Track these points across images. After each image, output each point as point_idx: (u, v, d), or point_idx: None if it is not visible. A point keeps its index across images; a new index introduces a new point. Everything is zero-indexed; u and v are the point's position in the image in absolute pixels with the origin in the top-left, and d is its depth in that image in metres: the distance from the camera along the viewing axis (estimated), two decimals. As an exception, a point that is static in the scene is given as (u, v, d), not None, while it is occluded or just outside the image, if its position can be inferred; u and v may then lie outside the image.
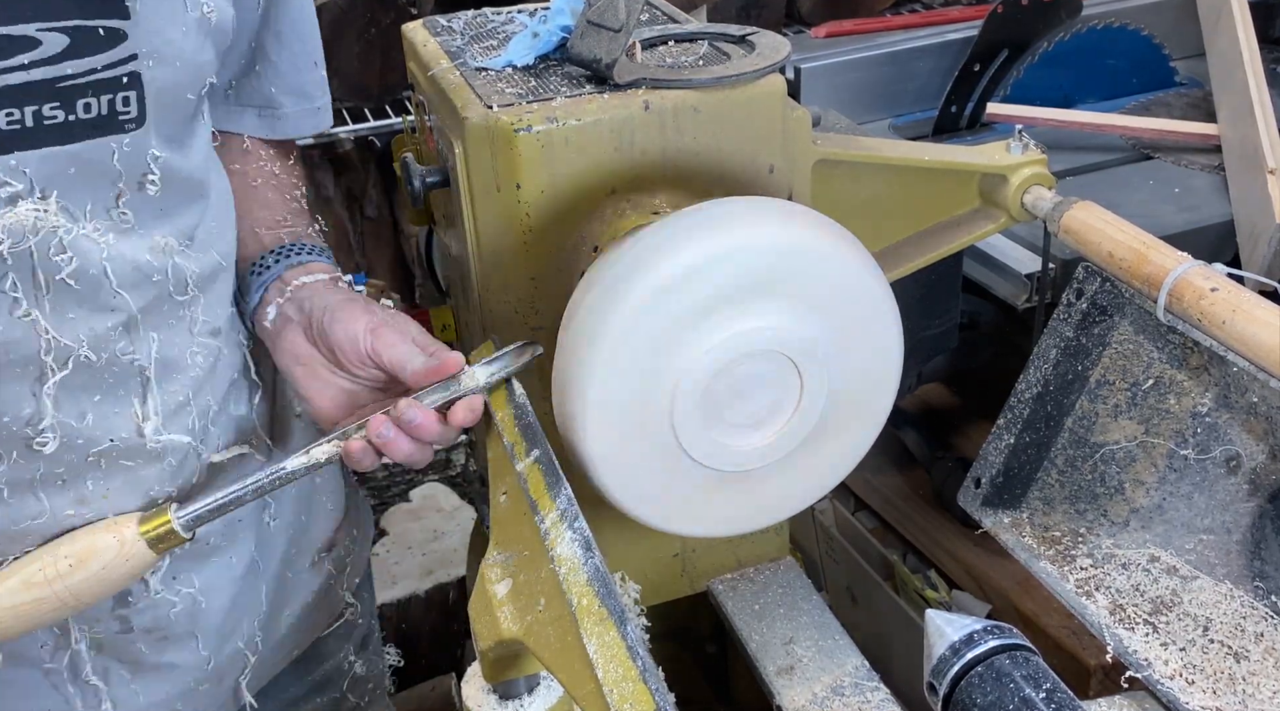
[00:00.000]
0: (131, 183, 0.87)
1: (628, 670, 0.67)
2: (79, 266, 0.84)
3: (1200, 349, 0.97)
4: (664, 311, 0.83)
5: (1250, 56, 1.62)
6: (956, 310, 1.43)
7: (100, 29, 0.80)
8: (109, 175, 0.85)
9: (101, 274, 0.86)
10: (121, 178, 0.86)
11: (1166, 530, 1.01)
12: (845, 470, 0.98)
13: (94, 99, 0.82)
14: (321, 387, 0.96)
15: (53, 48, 0.79)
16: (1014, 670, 0.80)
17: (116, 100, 0.83)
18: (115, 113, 0.83)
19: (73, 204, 0.84)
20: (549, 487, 0.81)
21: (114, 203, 0.86)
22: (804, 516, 1.59)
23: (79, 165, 0.83)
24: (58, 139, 0.81)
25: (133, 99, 0.83)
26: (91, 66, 0.81)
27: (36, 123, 0.80)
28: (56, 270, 0.84)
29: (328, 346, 0.95)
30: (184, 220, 0.94)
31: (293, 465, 0.90)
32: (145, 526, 0.90)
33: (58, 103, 0.80)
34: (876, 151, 1.11)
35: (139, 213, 0.88)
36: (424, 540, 2.18)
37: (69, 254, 0.83)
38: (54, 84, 0.80)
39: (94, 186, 0.85)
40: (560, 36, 1.04)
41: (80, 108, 0.81)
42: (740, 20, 2.09)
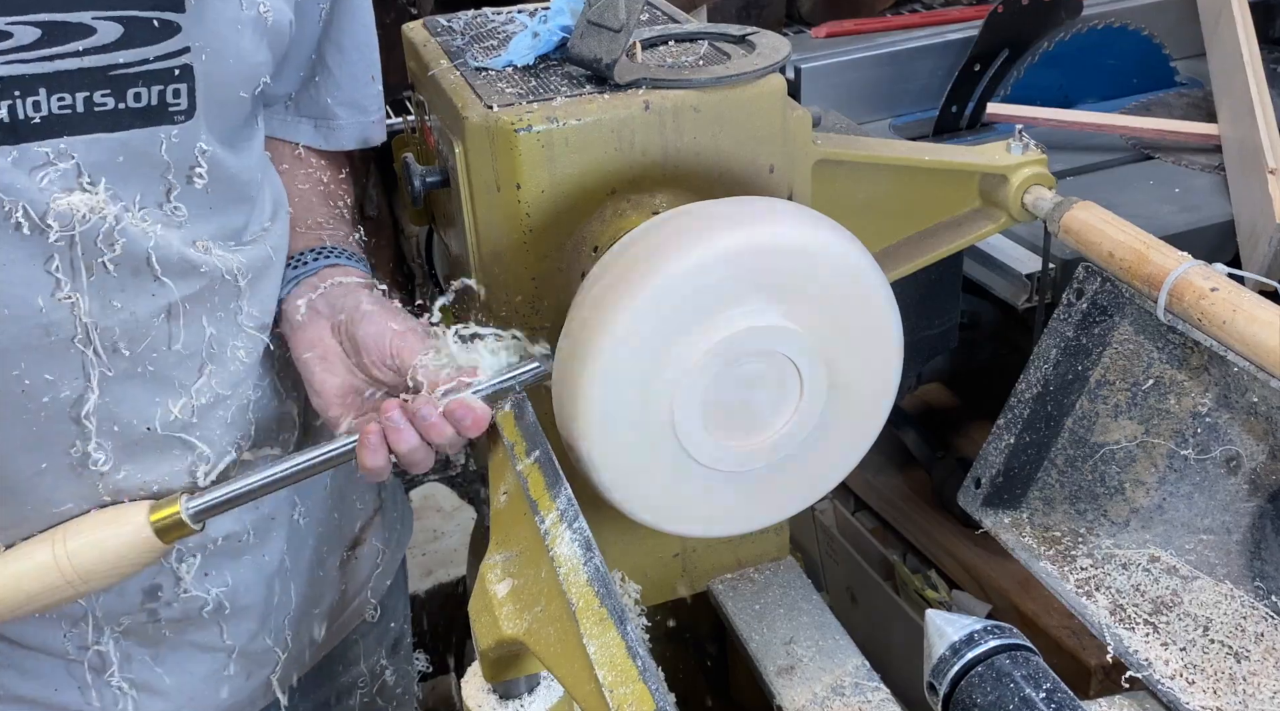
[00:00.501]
0: (180, 175, 0.87)
1: (628, 670, 0.67)
2: (123, 253, 0.85)
3: (1200, 349, 0.97)
4: (664, 312, 0.83)
5: (1250, 56, 1.62)
6: (956, 310, 1.43)
7: (155, 20, 0.82)
8: (157, 166, 0.86)
9: (145, 262, 0.87)
10: (170, 169, 0.86)
11: (1167, 530, 1.01)
12: (845, 470, 0.98)
13: (144, 89, 0.83)
14: (335, 381, 0.96)
15: (107, 36, 0.80)
16: (1014, 670, 0.80)
17: (167, 92, 0.84)
18: (165, 103, 0.84)
19: (123, 193, 0.85)
20: (549, 487, 0.81)
21: (165, 197, 0.87)
22: (804, 516, 1.59)
23: (127, 153, 0.84)
24: (107, 126, 0.82)
25: (183, 91, 0.85)
26: (144, 57, 0.82)
27: (87, 109, 0.81)
28: (100, 255, 0.85)
29: (352, 342, 0.95)
30: (234, 218, 0.95)
31: (301, 463, 0.90)
32: (155, 515, 0.90)
33: (108, 90, 0.81)
34: (876, 151, 1.11)
35: (190, 207, 0.89)
36: (424, 540, 2.18)
37: (116, 241, 0.84)
38: (106, 72, 0.81)
39: (143, 177, 0.86)
40: (560, 36, 1.03)
41: (130, 96, 0.82)
42: (740, 20, 2.09)
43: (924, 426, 1.69)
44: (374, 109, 1.14)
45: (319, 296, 1.00)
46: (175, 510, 0.90)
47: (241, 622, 1.06)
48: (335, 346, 0.97)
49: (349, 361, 0.97)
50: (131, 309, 0.88)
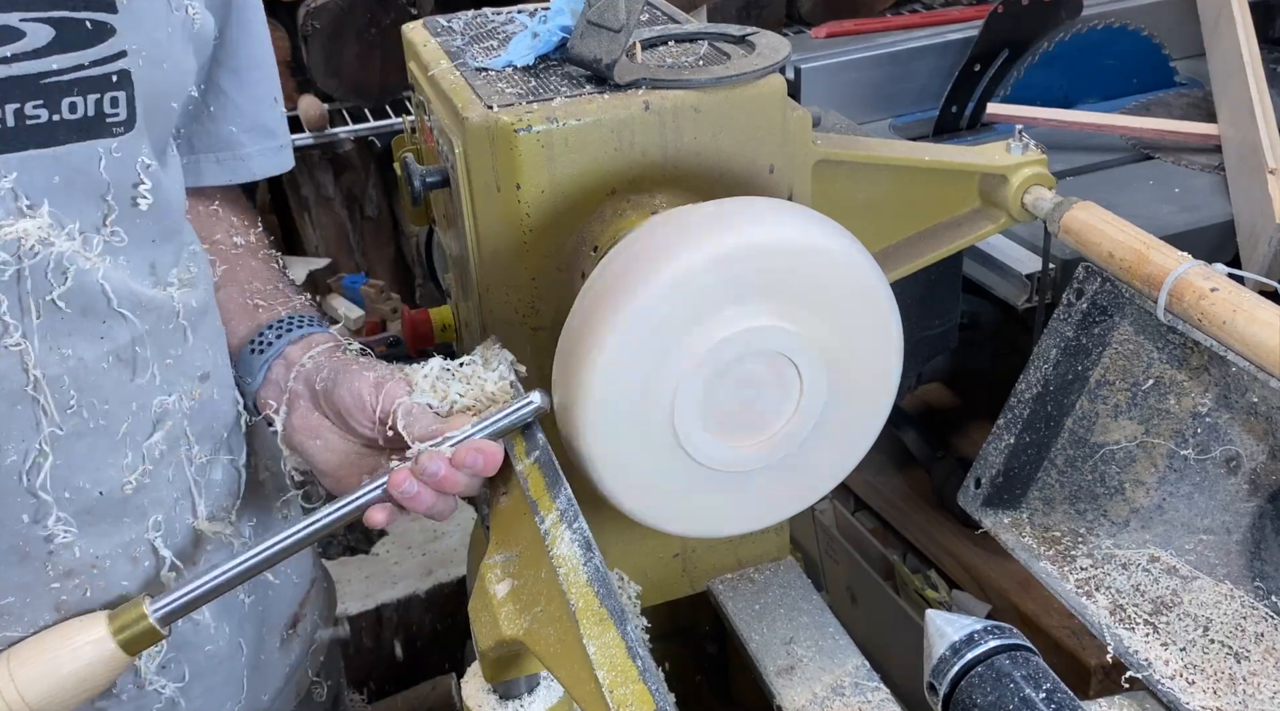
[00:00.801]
0: (122, 196, 0.80)
1: (628, 670, 0.67)
2: (73, 287, 0.78)
3: (1200, 349, 0.97)
4: (664, 311, 0.83)
5: (1250, 56, 1.62)
6: (956, 310, 1.43)
7: (87, 22, 0.75)
8: (96, 186, 0.79)
9: (95, 298, 0.80)
10: (110, 190, 0.79)
11: (1166, 530, 1.01)
12: (845, 470, 0.98)
13: (80, 98, 0.75)
14: (338, 459, 0.93)
15: (37, 40, 0.73)
16: (1014, 670, 0.80)
17: (104, 101, 0.77)
18: (103, 114, 0.77)
19: (63, 218, 0.77)
20: (549, 487, 0.81)
21: (102, 222, 0.80)
22: (804, 516, 1.59)
23: (64, 172, 0.76)
24: (41, 141, 0.75)
25: (121, 100, 0.77)
26: (79, 62, 0.75)
27: (18, 122, 0.73)
28: (48, 291, 0.77)
29: (334, 410, 0.91)
30: (169, 250, 0.88)
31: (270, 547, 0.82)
32: (116, 625, 0.81)
33: (41, 101, 0.74)
34: (876, 152, 1.11)
35: (131, 233, 0.82)
36: (424, 540, 2.18)
37: (67, 272, 0.77)
38: (38, 80, 0.74)
39: (82, 198, 0.78)
40: (560, 36, 1.04)
41: (65, 107, 0.75)
42: (740, 20, 2.09)
43: (924, 426, 1.69)
44: (280, 132, 1.05)
45: (293, 380, 0.95)
46: (139, 613, 0.81)
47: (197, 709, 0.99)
48: (323, 421, 0.93)
49: (339, 431, 0.93)
50: (80, 354, 0.80)
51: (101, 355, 0.82)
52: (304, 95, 2.11)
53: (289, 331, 0.98)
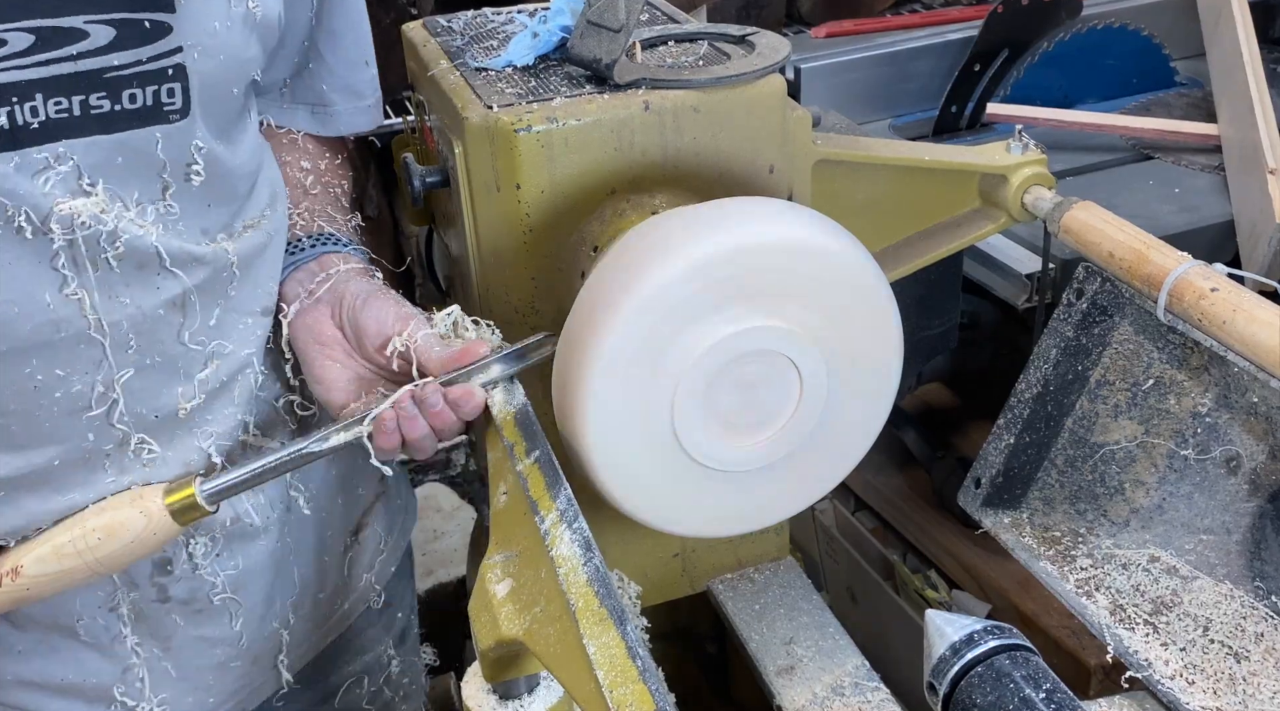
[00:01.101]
0: (177, 173, 0.88)
1: (628, 670, 0.67)
2: (126, 251, 0.87)
3: (1200, 349, 0.97)
4: (664, 312, 0.83)
5: (1250, 56, 1.62)
6: (956, 310, 1.43)
7: (146, 22, 0.82)
8: (154, 165, 0.87)
9: (147, 258, 0.88)
10: (166, 168, 0.87)
11: (1166, 530, 1.01)
12: (845, 470, 0.98)
13: (139, 90, 0.83)
14: (338, 371, 0.97)
15: (99, 39, 0.81)
16: (1014, 670, 0.80)
17: (161, 92, 0.85)
18: (160, 103, 0.85)
19: (122, 193, 0.86)
20: (549, 487, 0.81)
21: (160, 195, 0.88)
22: (804, 516, 1.59)
23: (125, 154, 0.85)
24: (103, 128, 0.83)
25: (178, 90, 0.85)
26: (137, 58, 0.83)
27: (83, 112, 0.82)
28: (102, 252, 0.86)
29: (354, 329, 0.96)
30: (226, 211, 0.96)
31: (313, 446, 0.91)
32: (170, 498, 0.92)
33: (104, 93, 0.82)
34: (876, 151, 1.11)
35: (185, 203, 0.90)
36: (424, 540, 2.19)
37: (119, 239, 0.86)
38: (101, 75, 0.82)
39: (140, 176, 0.86)
40: (560, 36, 1.04)
41: (126, 98, 0.83)
42: (740, 20, 2.09)
43: (924, 426, 1.69)
44: (369, 93, 1.13)
45: (319, 283, 1.01)
46: (190, 493, 0.92)
47: (247, 606, 1.07)
48: (335, 334, 0.98)
49: (348, 347, 0.97)
50: (138, 303, 0.89)
51: (158, 304, 0.91)
52: (304, 95, 2.11)
53: (325, 244, 1.05)
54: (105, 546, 0.91)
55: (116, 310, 0.88)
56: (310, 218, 1.07)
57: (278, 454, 0.92)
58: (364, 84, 1.12)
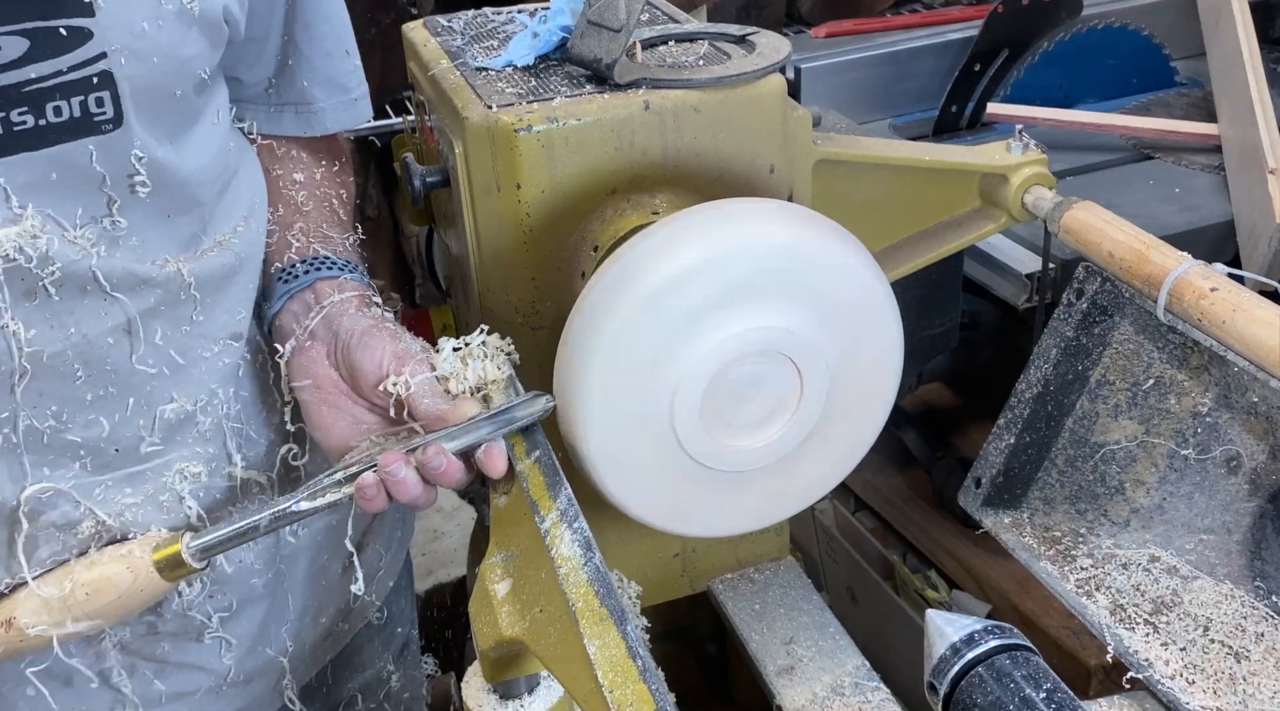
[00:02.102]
0: (119, 186, 0.84)
1: (628, 670, 0.67)
2: (64, 276, 0.82)
3: (1200, 349, 0.97)
4: (664, 312, 0.83)
5: (1250, 56, 1.62)
6: (956, 310, 1.43)
7: (61, 29, 0.77)
8: (92, 179, 0.82)
9: (89, 282, 0.84)
10: (105, 181, 0.83)
11: (1167, 530, 1.01)
12: (845, 470, 0.98)
13: (64, 101, 0.79)
14: (334, 416, 0.93)
15: (13, 52, 0.76)
16: (1014, 670, 0.80)
17: (89, 101, 0.80)
18: (89, 114, 0.80)
19: (60, 213, 0.81)
20: (549, 487, 0.81)
21: (106, 210, 0.84)
22: (804, 516, 1.59)
23: (58, 169, 0.80)
24: (31, 144, 0.78)
25: (107, 99, 0.80)
26: (56, 69, 0.78)
27: (6, 129, 0.77)
28: (38, 280, 0.81)
29: (350, 369, 0.92)
30: (186, 225, 0.91)
31: (303, 503, 0.87)
32: (159, 555, 0.89)
33: (26, 108, 0.78)
34: (877, 151, 1.11)
35: (133, 219, 0.85)
36: (424, 540, 2.18)
37: (53, 264, 0.81)
38: (19, 89, 0.77)
39: (79, 192, 0.82)
40: (560, 36, 1.03)
41: (50, 111, 0.78)
42: (740, 20, 2.09)
43: (924, 426, 1.69)
44: (354, 85, 1.07)
45: (315, 318, 0.96)
46: (177, 549, 0.89)
47: (242, 637, 1.05)
48: (331, 374, 0.94)
49: (345, 388, 0.93)
50: (82, 330, 0.85)
51: (105, 330, 0.86)
52: (304, 95, 2.11)
53: (319, 269, 0.99)
54: (93, 602, 0.88)
55: (59, 340, 0.84)
56: (305, 239, 1.02)
57: (268, 510, 0.87)
58: (347, 76, 1.06)
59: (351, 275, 1.01)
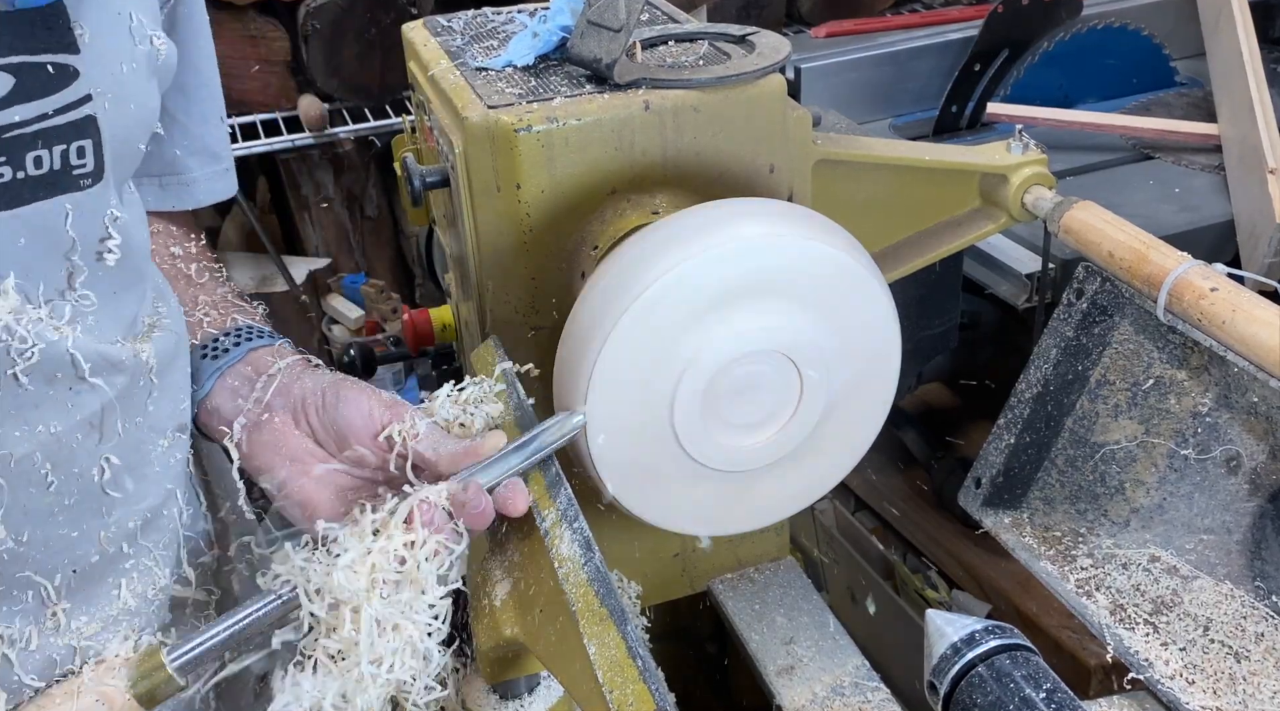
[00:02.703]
0: (88, 253, 0.74)
1: (628, 670, 0.67)
2: (40, 360, 0.71)
3: (1200, 349, 0.97)
4: (664, 312, 0.83)
5: (1250, 56, 1.62)
6: (956, 310, 1.43)
7: (49, 66, 0.69)
8: (60, 245, 0.72)
9: (65, 365, 0.73)
10: (76, 248, 0.73)
11: (1167, 530, 1.01)
12: (845, 470, 0.98)
13: (45, 151, 0.69)
14: (316, 489, 0.83)
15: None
16: (1014, 670, 0.80)
17: (70, 152, 0.70)
18: (69, 166, 0.71)
19: (28, 284, 0.71)
20: (549, 487, 0.81)
21: (67, 283, 0.74)
22: (804, 516, 1.59)
23: (29, 233, 0.70)
24: (6, 202, 0.68)
25: (89, 149, 0.71)
26: (42, 111, 0.69)
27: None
28: (10, 366, 0.70)
29: (334, 429, 0.83)
30: (131, 302, 0.82)
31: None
32: (135, 675, 0.77)
33: (4, 158, 0.67)
34: (876, 151, 1.11)
35: (98, 290, 0.75)
36: (424, 540, 2.18)
37: (33, 347, 0.71)
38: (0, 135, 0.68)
39: (45, 260, 0.72)
40: (560, 36, 1.03)
41: (30, 162, 0.68)
42: (740, 20, 2.09)
43: (924, 426, 1.69)
44: (225, 155, 0.98)
45: (266, 389, 0.86)
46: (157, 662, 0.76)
47: None
48: (305, 444, 0.84)
49: (324, 454, 0.84)
50: (51, 427, 0.74)
51: (73, 425, 0.76)
52: (304, 95, 2.11)
53: (251, 339, 0.90)
54: None
55: (28, 440, 0.72)
56: (216, 312, 0.92)
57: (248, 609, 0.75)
58: (219, 144, 0.97)
59: (283, 341, 0.92)
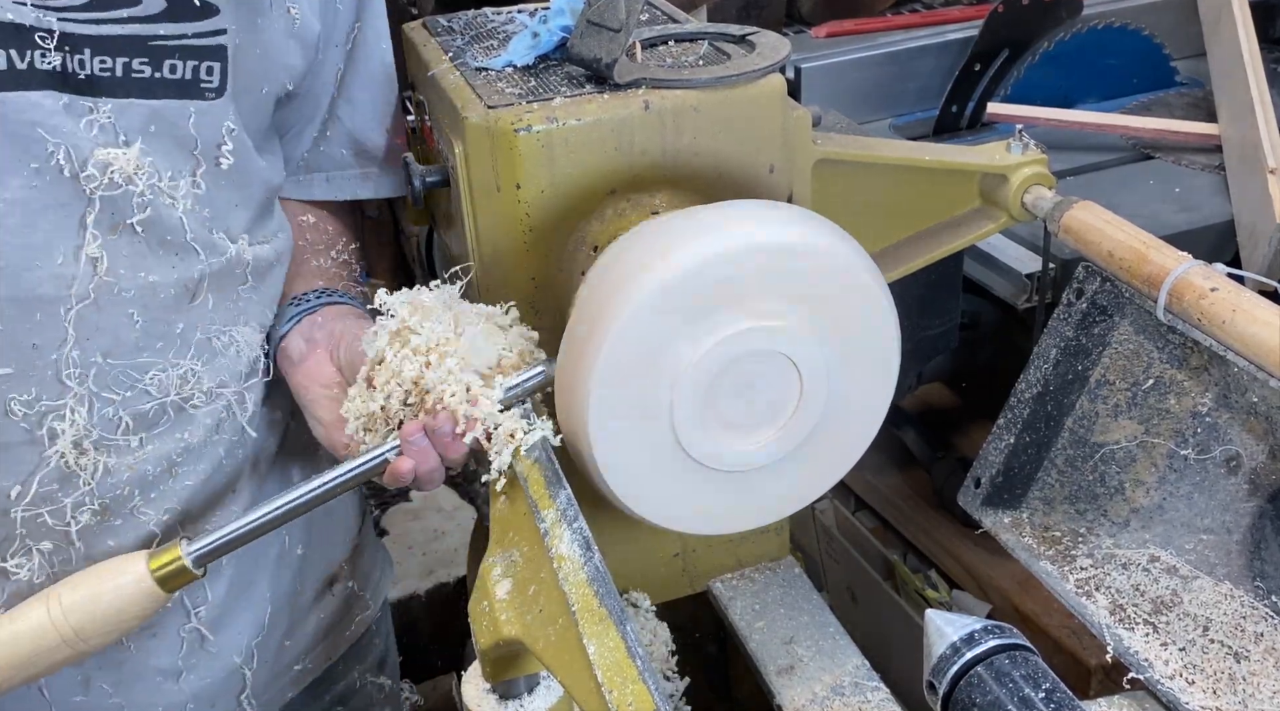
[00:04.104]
0: (208, 154, 0.91)
1: (627, 670, 0.67)
2: (152, 217, 0.88)
3: (1200, 349, 0.97)
4: (664, 312, 0.83)
5: (1250, 56, 1.62)
6: (956, 310, 1.42)
7: (197, 1, 0.87)
8: (185, 141, 0.89)
9: (176, 228, 0.90)
10: (197, 145, 0.90)
11: (1166, 530, 1.01)
12: (844, 469, 0.98)
13: (180, 62, 0.87)
14: (336, 408, 0.95)
15: (150, 8, 0.85)
16: (1014, 670, 0.80)
17: (201, 68, 0.88)
18: (198, 79, 0.88)
19: (156, 160, 0.88)
20: (549, 487, 0.81)
21: (192, 173, 0.91)
22: (804, 516, 1.59)
23: (158, 122, 0.87)
24: (142, 92, 0.86)
25: (216, 69, 0.89)
26: (183, 32, 0.87)
27: (125, 74, 0.85)
28: (130, 215, 0.87)
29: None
30: (250, 214, 0.98)
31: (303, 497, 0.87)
32: (155, 563, 0.87)
33: (147, 59, 0.86)
34: (877, 151, 1.11)
35: (212, 186, 0.92)
36: (424, 540, 2.18)
37: (147, 205, 0.88)
38: (146, 41, 0.85)
39: (171, 149, 0.89)
40: (560, 36, 1.03)
41: (167, 68, 0.87)
42: (740, 20, 2.09)
43: (924, 426, 1.69)
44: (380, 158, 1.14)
45: (317, 329, 1.01)
46: (176, 557, 0.87)
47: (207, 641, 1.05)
48: (334, 373, 0.98)
49: (347, 385, 0.95)
50: (151, 277, 0.90)
51: (171, 282, 0.92)
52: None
53: (331, 296, 1.06)
54: (85, 622, 0.84)
55: (131, 280, 0.89)
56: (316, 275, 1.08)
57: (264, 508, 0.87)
58: (378, 149, 1.13)
59: (357, 306, 1.07)
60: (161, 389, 0.94)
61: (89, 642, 0.86)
